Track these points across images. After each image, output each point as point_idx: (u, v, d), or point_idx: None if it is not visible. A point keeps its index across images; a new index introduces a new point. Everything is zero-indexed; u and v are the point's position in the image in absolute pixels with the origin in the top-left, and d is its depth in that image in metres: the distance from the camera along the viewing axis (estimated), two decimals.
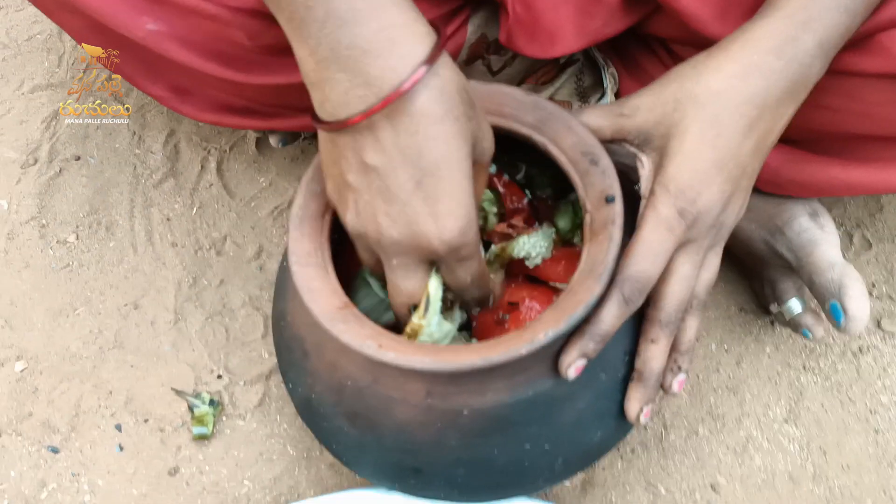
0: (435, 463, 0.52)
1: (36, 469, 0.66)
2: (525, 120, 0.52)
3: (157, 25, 0.54)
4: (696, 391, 0.70)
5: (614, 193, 0.48)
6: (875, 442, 0.67)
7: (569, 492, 0.66)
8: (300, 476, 0.66)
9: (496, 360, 0.44)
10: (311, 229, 0.51)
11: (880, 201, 0.79)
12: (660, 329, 0.49)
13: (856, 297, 0.58)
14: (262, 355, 0.72)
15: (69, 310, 0.74)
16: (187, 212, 0.80)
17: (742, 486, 0.66)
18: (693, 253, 0.48)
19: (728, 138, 0.46)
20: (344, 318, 0.47)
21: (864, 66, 0.49)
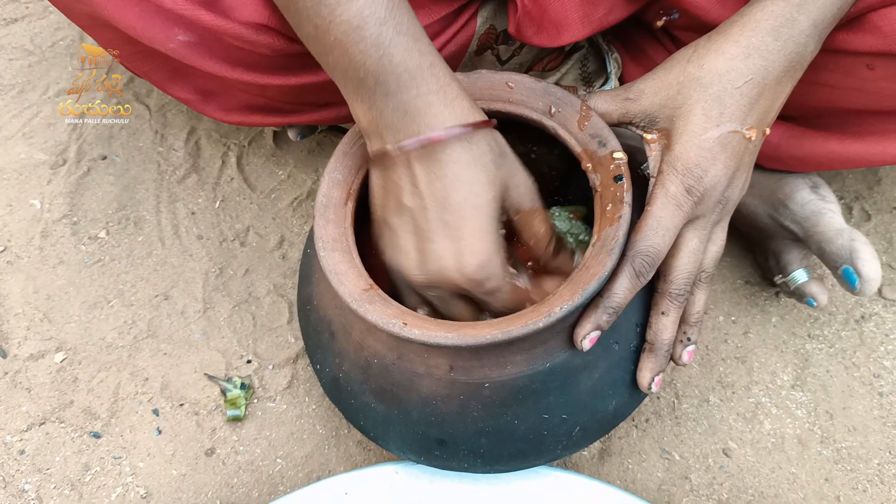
0: (459, 434, 0.54)
1: (79, 454, 0.69)
2: (535, 105, 0.54)
3: (188, 37, 0.56)
4: (705, 361, 0.72)
5: (622, 173, 0.50)
6: (880, 405, 0.70)
7: (587, 460, 0.68)
8: (330, 453, 0.69)
9: (515, 333, 0.46)
10: (336, 216, 0.53)
11: (878, 174, 0.81)
12: (670, 301, 0.52)
13: (868, 260, 0.61)
14: (288, 340, 0.75)
15: (103, 302, 0.77)
16: (211, 205, 0.83)
17: (753, 451, 0.68)
18: (700, 228, 0.51)
19: (731, 117, 0.49)
20: (370, 298, 0.50)
21: (857, 44, 0.51)
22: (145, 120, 0.88)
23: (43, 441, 0.70)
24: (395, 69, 0.45)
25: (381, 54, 0.45)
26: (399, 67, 0.45)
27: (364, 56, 0.45)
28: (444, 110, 0.47)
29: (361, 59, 0.45)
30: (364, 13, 0.44)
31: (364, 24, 0.44)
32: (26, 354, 0.74)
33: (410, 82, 0.46)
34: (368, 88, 0.46)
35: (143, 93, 0.90)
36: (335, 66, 0.47)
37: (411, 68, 0.46)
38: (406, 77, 0.46)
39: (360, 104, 0.47)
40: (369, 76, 0.46)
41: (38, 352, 0.74)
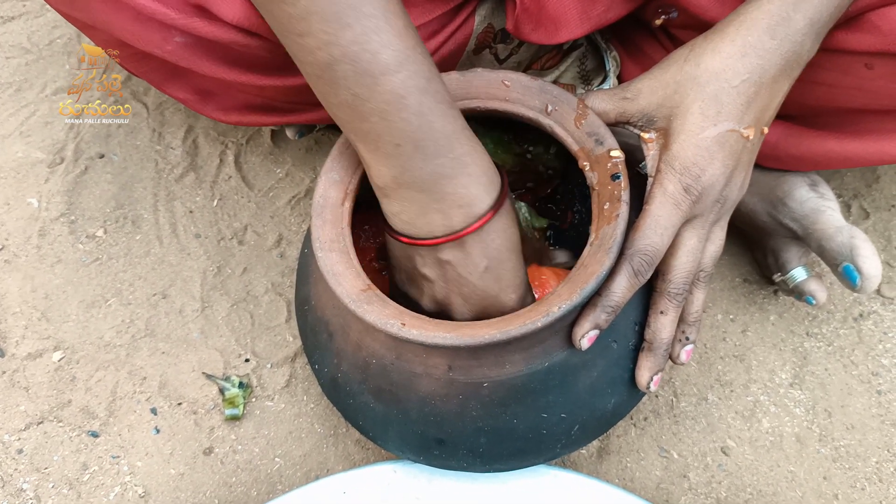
0: (458, 433, 0.54)
1: (77, 453, 0.69)
2: (532, 104, 0.54)
3: (185, 39, 0.56)
4: (704, 360, 0.72)
5: (620, 171, 0.50)
6: (878, 403, 0.70)
7: (585, 459, 0.68)
8: (328, 452, 0.69)
9: (514, 333, 0.46)
10: (333, 216, 0.53)
11: (877, 172, 0.81)
12: (668, 301, 0.52)
13: (868, 257, 0.61)
14: (286, 339, 0.75)
15: (101, 301, 0.77)
16: (208, 204, 0.83)
17: (751, 449, 0.68)
18: (699, 227, 0.51)
19: (728, 115, 0.49)
20: (368, 299, 0.50)
21: (855, 43, 0.51)
22: (143, 118, 0.88)
23: (41, 440, 0.70)
24: (434, 135, 0.46)
25: (422, 122, 0.46)
26: (437, 133, 0.46)
27: (405, 124, 0.46)
28: (476, 172, 0.48)
29: (402, 127, 0.46)
30: (407, 84, 0.45)
31: (408, 93, 0.45)
32: (24, 353, 0.74)
33: (447, 146, 0.47)
34: (404, 154, 0.47)
35: (140, 91, 0.90)
36: (368, 132, 0.47)
37: (448, 133, 0.47)
38: (443, 142, 0.47)
39: (391, 168, 0.48)
40: (408, 143, 0.46)
41: (36, 351, 0.74)
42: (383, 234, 0.62)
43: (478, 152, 0.49)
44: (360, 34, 0.43)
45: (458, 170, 0.48)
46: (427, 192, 0.48)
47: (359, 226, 0.62)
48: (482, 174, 0.49)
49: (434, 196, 0.48)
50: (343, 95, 0.45)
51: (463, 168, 0.48)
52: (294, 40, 0.45)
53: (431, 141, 0.46)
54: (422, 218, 0.49)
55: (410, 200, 0.49)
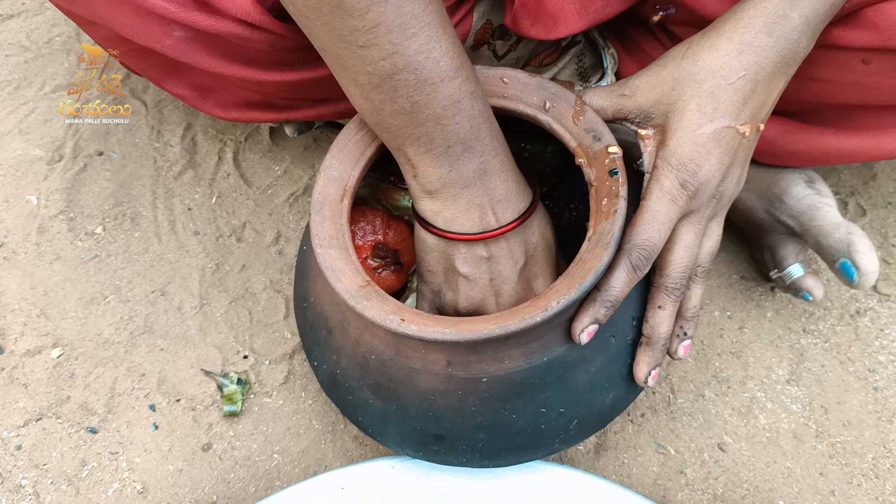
0: (457, 429, 0.54)
1: (76, 449, 0.69)
2: (530, 100, 0.54)
3: (185, 33, 0.56)
4: (701, 356, 0.73)
5: (618, 167, 0.50)
6: (874, 399, 0.70)
7: (583, 455, 0.68)
8: (326, 448, 0.69)
9: (512, 328, 0.46)
10: (332, 213, 0.53)
11: (873, 169, 0.81)
12: (666, 295, 0.52)
13: (865, 253, 0.61)
14: (284, 336, 0.75)
15: (100, 298, 0.77)
16: (207, 201, 0.83)
17: (748, 445, 0.69)
18: (695, 223, 0.51)
19: (724, 112, 0.49)
20: (367, 295, 0.50)
21: (852, 40, 0.52)
22: (142, 116, 0.88)
23: (40, 436, 0.70)
24: (481, 136, 0.50)
25: (472, 125, 0.49)
26: (484, 133, 0.50)
27: (458, 127, 0.48)
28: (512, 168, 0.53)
29: (455, 129, 0.48)
30: (462, 89, 0.47)
31: (462, 98, 0.47)
32: (23, 350, 0.74)
33: (491, 145, 0.50)
34: (454, 154, 0.49)
35: (139, 89, 0.90)
36: (420, 137, 0.49)
37: (492, 133, 0.50)
38: (488, 141, 0.50)
39: (439, 168, 0.50)
40: (458, 143, 0.49)
41: (35, 347, 0.74)
42: (379, 232, 0.62)
43: (508, 151, 0.53)
44: (424, 43, 0.45)
45: (498, 167, 0.51)
46: (471, 188, 0.51)
47: (354, 223, 0.62)
48: (516, 172, 0.53)
49: (478, 193, 0.51)
50: (401, 103, 0.47)
51: (502, 165, 0.51)
52: (354, 52, 0.45)
53: (478, 141, 0.49)
54: (465, 214, 0.52)
55: (455, 198, 0.51)
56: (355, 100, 0.50)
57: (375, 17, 0.43)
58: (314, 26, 0.46)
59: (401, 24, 0.44)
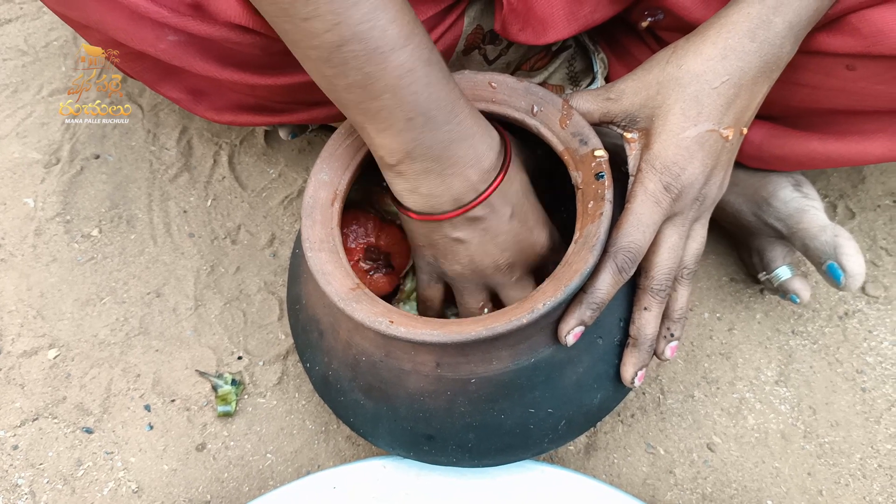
0: (447, 429, 0.55)
1: (72, 449, 0.70)
2: (518, 105, 0.55)
3: (178, 37, 0.57)
4: (690, 357, 0.73)
5: (604, 171, 0.51)
6: (862, 400, 0.71)
7: (573, 455, 0.69)
8: (319, 448, 0.70)
9: (500, 329, 0.47)
10: (322, 216, 0.54)
11: (862, 172, 0.82)
12: (651, 297, 0.53)
13: (852, 255, 0.61)
14: (278, 337, 0.76)
15: (96, 299, 0.77)
16: (202, 204, 0.84)
17: (737, 445, 0.69)
18: (679, 225, 0.52)
19: (708, 116, 0.50)
20: (357, 297, 0.51)
21: (836, 46, 0.52)
22: (138, 119, 0.89)
23: (36, 436, 0.70)
24: (441, 104, 0.48)
25: (430, 93, 0.47)
26: (444, 101, 0.48)
27: (415, 97, 0.47)
28: (479, 131, 0.51)
29: (412, 100, 0.47)
30: (415, 57, 0.46)
31: (416, 66, 0.46)
32: (20, 351, 0.74)
33: (452, 112, 0.49)
34: (416, 126, 0.48)
35: (135, 92, 0.90)
36: (379, 110, 0.47)
37: (452, 100, 0.49)
38: (449, 109, 0.48)
39: (403, 143, 0.49)
40: (419, 115, 0.48)
41: (32, 348, 0.75)
42: (371, 235, 0.63)
43: (476, 115, 0.52)
44: (368, 12, 0.44)
45: (464, 132, 0.50)
46: (440, 159, 0.50)
47: (346, 226, 0.63)
48: (485, 133, 0.51)
49: (448, 162, 0.50)
50: (353, 76, 0.46)
51: (467, 130, 0.50)
52: (298, 25, 0.44)
53: (439, 110, 0.48)
54: (441, 186, 0.51)
55: (427, 172, 0.50)
56: (313, 77, 0.49)
57: None
58: (259, 2, 0.46)
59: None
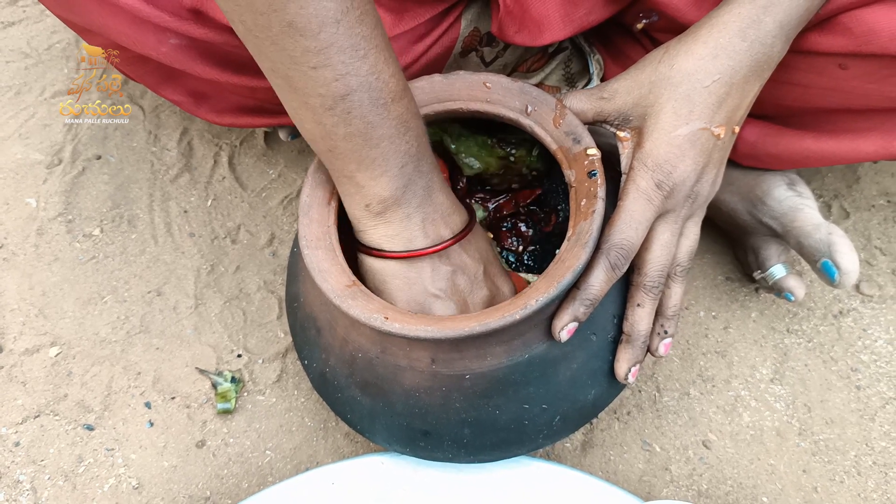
0: (442, 425, 0.55)
1: (73, 446, 0.71)
2: (512, 105, 0.55)
3: (179, 40, 0.58)
4: (686, 356, 0.74)
5: (596, 169, 0.51)
6: (857, 398, 0.71)
7: (570, 452, 0.70)
8: (318, 445, 0.71)
9: (493, 325, 0.47)
10: (319, 215, 0.55)
11: (857, 172, 0.82)
12: (644, 293, 0.53)
13: (846, 252, 0.62)
14: (277, 335, 0.76)
15: (97, 298, 0.78)
16: (203, 204, 0.84)
17: (732, 442, 0.70)
18: (671, 222, 0.52)
19: (699, 115, 0.50)
20: (352, 294, 0.51)
21: (828, 45, 0.53)
22: (139, 121, 0.90)
23: (37, 433, 0.71)
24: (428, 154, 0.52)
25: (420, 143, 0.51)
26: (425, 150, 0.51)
27: (409, 146, 0.49)
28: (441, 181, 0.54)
29: (406, 149, 0.49)
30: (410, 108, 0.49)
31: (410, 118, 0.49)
32: (22, 349, 0.75)
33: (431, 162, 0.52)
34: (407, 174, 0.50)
35: (137, 94, 0.91)
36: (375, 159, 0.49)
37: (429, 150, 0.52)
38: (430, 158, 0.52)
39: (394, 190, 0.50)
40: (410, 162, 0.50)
41: (34, 346, 0.75)
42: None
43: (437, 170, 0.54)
44: (374, 64, 0.45)
45: (439, 183, 0.53)
46: (423, 206, 0.52)
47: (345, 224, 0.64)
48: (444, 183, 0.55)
49: (429, 209, 0.52)
50: (356, 125, 0.47)
51: (441, 181, 0.53)
52: (305, 73, 0.44)
53: (424, 159, 0.51)
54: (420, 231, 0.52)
55: (409, 218, 0.52)
56: (306, 125, 0.49)
57: (328, 38, 0.43)
58: (264, 46, 0.44)
59: (352, 45, 0.44)
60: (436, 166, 0.53)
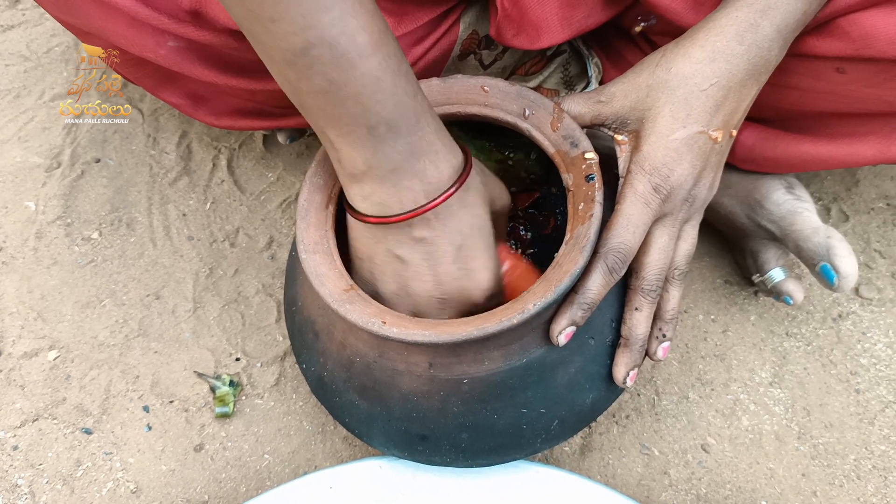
0: (440, 429, 0.55)
1: (71, 450, 0.71)
2: (510, 108, 0.55)
3: (178, 43, 0.57)
4: (685, 359, 0.74)
5: (594, 173, 0.51)
6: (856, 401, 0.71)
7: (568, 456, 0.69)
8: (316, 449, 0.71)
9: (490, 330, 0.47)
10: (317, 219, 0.55)
11: (856, 175, 0.82)
12: (642, 297, 0.53)
13: (845, 256, 0.62)
14: (276, 339, 0.76)
15: (96, 302, 0.78)
16: (201, 207, 0.84)
17: (731, 446, 0.69)
18: (669, 225, 0.52)
19: (697, 118, 0.50)
20: (350, 298, 0.51)
21: (826, 49, 0.53)
22: (138, 124, 0.90)
23: (36, 437, 0.71)
24: (406, 115, 0.47)
25: (396, 102, 0.46)
26: (409, 113, 0.47)
27: (380, 106, 0.46)
28: (441, 148, 0.49)
29: (377, 109, 0.46)
30: (383, 66, 0.45)
31: (383, 75, 0.45)
32: (20, 352, 0.75)
33: (416, 124, 0.48)
34: (378, 136, 0.47)
35: (136, 97, 0.91)
36: (341, 117, 0.46)
37: (418, 112, 0.47)
38: (413, 121, 0.47)
39: (363, 151, 0.48)
40: (381, 124, 0.46)
41: (32, 350, 0.75)
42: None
43: (442, 130, 0.50)
44: (338, 17, 0.42)
45: (425, 148, 0.48)
46: (398, 171, 0.48)
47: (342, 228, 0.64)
48: (448, 151, 0.50)
49: (405, 174, 0.49)
50: (317, 81, 0.44)
51: (430, 146, 0.49)
52: (265, 26, 0.43)
53: (404, 121, 0.47)
54: (395, 196, 0.50)
55: (382, 180, 0.49)
56: (277, 79, 0.47)
57: None
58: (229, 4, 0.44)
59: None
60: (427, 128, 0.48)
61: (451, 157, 0.50)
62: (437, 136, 0.49)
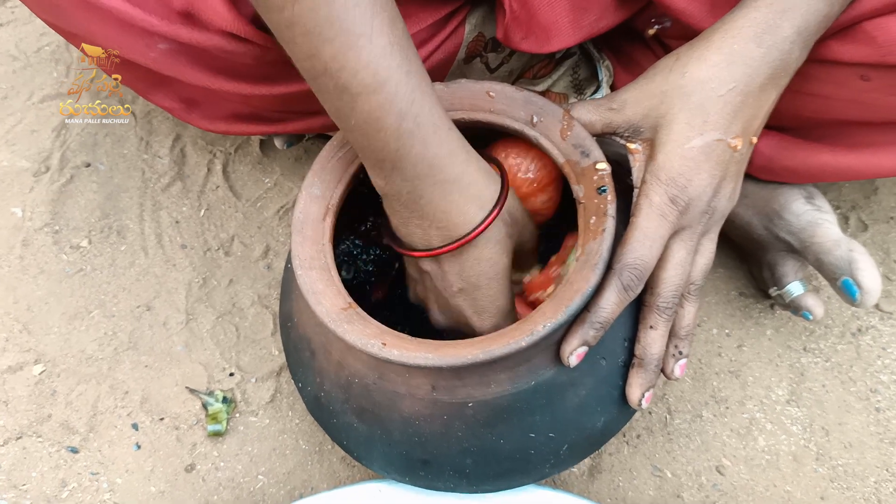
0: (443, 454, 0.53)
1: (56, 469, 0.68)
2: (517, 115, 0.53)
3: (169, 45, 0.55)
4: (698, 375, 0.71)
5: (606, 184, 0.49)
6: (876, 420, 0.68)
7: (577, 478, 0.67)
8: (313, 470, 0.68)
9: (497, 353, 0.45)
10: (314, 232, 0.52)
11: (875, 183, 0.80)
12: (658, 315, 0.51)
13: (867, 270, 0.60)
14: (272, 352, 0.74)
15: (84, 313, 0.76)
16: (195, 214, 0.82)
17: (747, 468, 0.67)
18: (687, 239, 0.49)
19: (714, 125, 0.47)
20: (348, 318, 0.49)
21: (850, 55, 0.50)
22: (130, 127, 0.87)
23: (19, 456, 0.69)
24: (412, 160, 0.46)
25: (399, 146, 0.45)
26: (416, 159, 0.46)
27: (383, 144, 0.45)
28: (459, 198, 0.48)
29: (380, 147, 0.45)
30: (385, 107, 0.44)
31: (385, 116, 0.44)
32: (4, 367, 0.73)
33: (427, 172, 0.46)
34: (386, 170, 0.47)
35: (128, 99, 0.89)
36: (355, 140, 0.47)
37: (428, 158, 0.46)
38: (422, 167, 0.46)
39: (377, 178, 0.48)
40: (387, 161, 0.46)
41: (17, 364, 0.73)
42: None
43: (466, 177, 0.48)
44: (339, 51, 0.42)
45: (438, 195, 0.47)
46: (407, 208, 0.49)
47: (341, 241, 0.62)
48: (466, 201, 0.48)
49: (414, 213, 0.49)
50: (328, 105, 0.46)
51: (445, 194, 0.47)
52: (287, 45, 0.44)
53: (409, 165, 0.46)
54: (404, 228, 0.50)
55: (393, 210, 0.50)
56: None
57: (290, 17, 0.41)
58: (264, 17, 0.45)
59: (314, 27, 0.41)
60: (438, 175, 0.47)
61: (468, 209, 0.48)
62: (455, 186, 0.48)
